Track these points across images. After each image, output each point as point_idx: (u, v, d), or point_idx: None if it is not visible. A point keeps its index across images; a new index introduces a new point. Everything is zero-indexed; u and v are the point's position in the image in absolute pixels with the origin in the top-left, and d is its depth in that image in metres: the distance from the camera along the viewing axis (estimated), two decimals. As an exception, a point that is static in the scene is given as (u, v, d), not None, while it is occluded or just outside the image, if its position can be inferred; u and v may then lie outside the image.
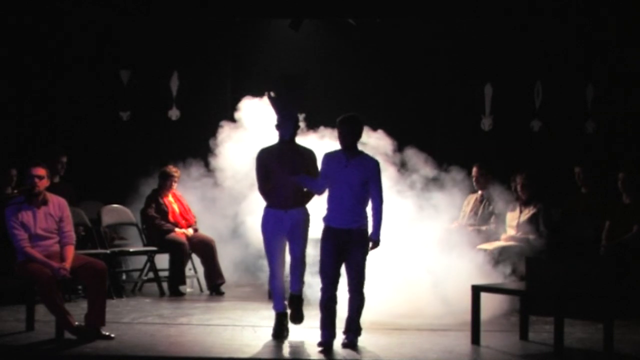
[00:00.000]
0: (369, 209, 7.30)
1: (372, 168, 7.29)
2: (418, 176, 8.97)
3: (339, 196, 7.26)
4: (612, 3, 11.31)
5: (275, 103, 7.86)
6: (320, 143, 8.49)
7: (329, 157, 7.40)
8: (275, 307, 7.81)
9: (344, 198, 7.23)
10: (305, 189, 7.67)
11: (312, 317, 7.66)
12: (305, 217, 7.68)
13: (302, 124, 8.21)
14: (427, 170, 9.04)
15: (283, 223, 7.65)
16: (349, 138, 7.29)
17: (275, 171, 7.62)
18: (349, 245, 7.21)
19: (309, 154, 7.73)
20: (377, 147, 8.73)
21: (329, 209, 7.34)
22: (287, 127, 7.72)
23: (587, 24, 11.44)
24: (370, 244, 7.27)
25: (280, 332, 7.71)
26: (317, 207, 7.63)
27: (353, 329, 7.29)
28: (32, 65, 11.51)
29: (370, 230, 7.28)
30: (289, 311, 7.81)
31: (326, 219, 7.34)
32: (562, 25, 11.46)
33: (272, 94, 7.92)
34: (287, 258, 7.82)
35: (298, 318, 7.80)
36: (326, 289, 7.24)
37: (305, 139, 8.39)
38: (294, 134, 7.78)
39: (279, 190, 7.62)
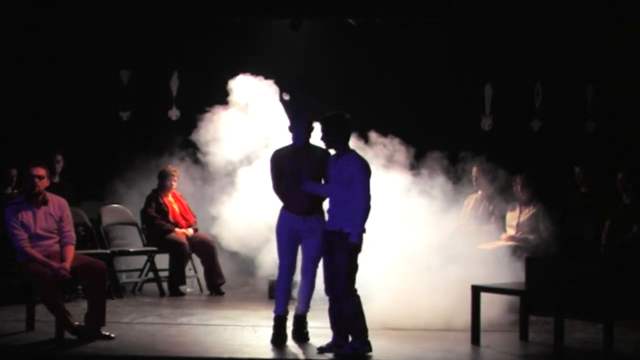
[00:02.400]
0: None
1: (354, 168, 6.98)
2: (427, 176, 8.95)
3: (329, 197, 7.18)
4: (612, 3, 11.30)
5: (288, 107, 7.70)
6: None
7: (329, 159, 7.30)
8: (276, 310, 7.51)
9: (330, 199, 7.13)
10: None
11: (312, 317, 7.65)
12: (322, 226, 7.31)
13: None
14: (438, 169, 9.05)
15: (300, 230, 7.38)
16: (327, 137, 7.10)
17: (288, 176, 7.39)
18: (333, 248, 7.03)
19: (323, 156, 7.38)
20: (384, 149, 8.72)
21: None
22: (300, 132, 7.44)
23: (587, 23, 11.43)
24: (348, 246, 6.89)
25: (279, 339, 7.41)
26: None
27: (353, 335, 7.03)
28: (32, 65, 11.51)
29: None
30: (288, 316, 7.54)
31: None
32: (562, 25, 11.45)
33: (285, 96, 7.79)
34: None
35: (291, 338, 7.48)
36: (327, 292, 7.13)
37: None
38: (308, 139, 7.49)
39: (295, 196, 7.36)
